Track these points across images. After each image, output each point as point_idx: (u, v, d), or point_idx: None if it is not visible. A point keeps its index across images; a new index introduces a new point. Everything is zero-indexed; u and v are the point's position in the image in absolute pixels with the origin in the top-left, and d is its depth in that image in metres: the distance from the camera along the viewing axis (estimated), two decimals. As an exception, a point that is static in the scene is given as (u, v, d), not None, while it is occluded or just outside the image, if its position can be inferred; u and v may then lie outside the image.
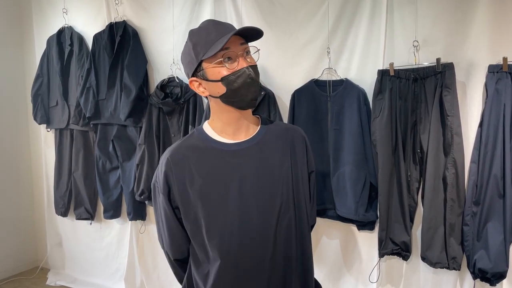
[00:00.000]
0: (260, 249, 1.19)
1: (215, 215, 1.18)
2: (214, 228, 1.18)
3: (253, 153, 1.21)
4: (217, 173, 1.19)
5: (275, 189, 1.21)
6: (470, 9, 2.08)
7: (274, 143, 1.24)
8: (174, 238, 1.28)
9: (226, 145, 1.21)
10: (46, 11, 3.52)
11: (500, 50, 2.00)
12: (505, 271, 1.97)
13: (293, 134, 1.30)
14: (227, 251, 1.18)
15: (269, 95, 2.50)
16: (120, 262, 3.34)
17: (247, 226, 1.18)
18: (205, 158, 1.20)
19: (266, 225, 1.19)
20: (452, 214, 2.08)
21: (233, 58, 1.14)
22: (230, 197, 1.18)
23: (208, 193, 1.18)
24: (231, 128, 1.22)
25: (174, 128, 2.83)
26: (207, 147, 1.21)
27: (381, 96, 2.22)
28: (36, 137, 3.80)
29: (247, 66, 1.14)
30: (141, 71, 2.91)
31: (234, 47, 1.13)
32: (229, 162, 1.19)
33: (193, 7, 2.82)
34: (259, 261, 1.19)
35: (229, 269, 1.19)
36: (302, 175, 1.27)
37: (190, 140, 1.25)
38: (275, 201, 1.20)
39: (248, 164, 1.19)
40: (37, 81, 3.41)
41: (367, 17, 2.32)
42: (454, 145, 2.06)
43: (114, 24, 3.00)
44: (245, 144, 1.21)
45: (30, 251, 3.94)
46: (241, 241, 1.18)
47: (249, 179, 1.18)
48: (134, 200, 3.01)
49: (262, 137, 1.24)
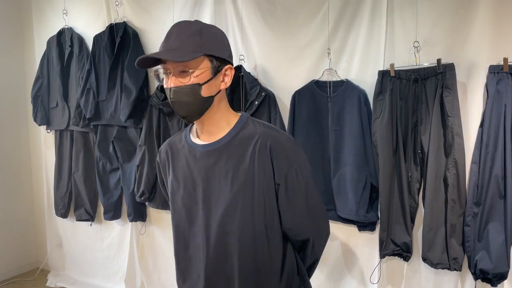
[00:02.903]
0: (202, 250, 1.23)
1: (175, 208, 1.30)
2: (173, 220, 1.31)
3: (211, 156, 1.21)
4: (182, 170, 1.26)
5: (221, 196, 1.20)
6: (471, 9, 2.08)
7: (236, 149, 1.20)
8: None
9: (195, 145, 1.24)
10: (46, 13, 3.52)
11: (501, 51, 2.00)
12: (506, 272, 1.97)
13: (259, 141, 1.18)
14: (177, 245, 1.30)
15: (269, 96, 2.50)
16: (121, 264, 3.34)
17: (193, 225, 1.25)
18: (177, 155, 1.29)
19: (211, 226, 1.20)
20: (453, 214, 2.08)
21: (168, 75, 1.13)
22: (185, 196, 1.25)
23: (174, 188, 1.28)
24: (199, 128, 1.25)
25: (175, 129, 2.83)
26: (183, 145, 1.28)
27: (382, 96, 2.22)
28: (36, 138, 3.80)
29: (171, 87, 1.12)
30: (141, 72, 2.91)
31: (170, 64, 1.12)
32: (191, 162, 1.24)
33: (193, 9, 2.83)
34: (200, 259, 1.24)
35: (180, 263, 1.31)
36: (265, 186, 1.18)
37: (176, 136, 1.34)
38: (218, 210, 1.19)
39: (205, 166, 1.21)
40: (37, 82, 3.41)
41: (367, 18, 2.32)
42: (455, 145, 2.05)
43: (114, 25, 3.00)
44: (209, 146, 1.22)
45: (30, 253, 3.94)
46: (187, 238, 1.27)
47: (202, 181, 1.22)
48: (135, 201, 3.01)
49: (227, 141, 1.20)
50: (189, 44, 1.10)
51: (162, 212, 3.06)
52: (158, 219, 3.13)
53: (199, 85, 1.12)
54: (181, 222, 1.28)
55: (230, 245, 1.20)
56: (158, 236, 3.15)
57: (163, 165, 1.35)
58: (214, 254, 1.21)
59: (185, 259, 1.28)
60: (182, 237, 1.28)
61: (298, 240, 1.29)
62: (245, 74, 2.55)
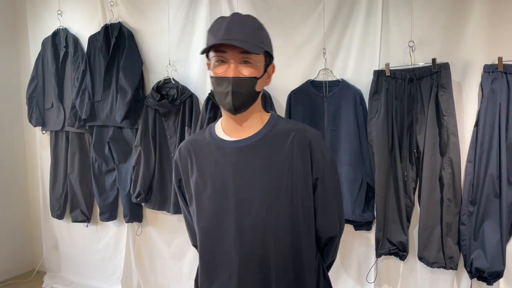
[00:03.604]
0: (234, 249, 1.18)
1: (201, 209, 1.23)
2: (200, 221, 1.24)
3: (246, 153, 1.18)
4: (209, 168, 1.21)
5: (259, 194, 1.17)
6: (465, 9, 2.09)
7: (272, 145, 1.19)
8: (189, 226, 1.40)
9: (224, 142, 1.21)
10: (41, 13, 3.50)
11: (496, 50, 2.00)
12: (501, 270, 1.98)
13: (296, 136, 1.20)
14: (205, 250, 1.24)
15: (265, 96, 2.50)
16: (117, 265, 3.33)
17: (225, 223, 1.19)
18: (203, 152, 1.23)
19: (246, 224, 1.16)
20: (449, 213, 2.09)
21: (227, 63, 1.12)
22: (213, 194, 1.20)
23: (200, 187, 1.22)
24: (230, 124, 1.22)
25: (170, 130, 2.83)
26: (207, 142, 1.23)
27: (377, 96, 2.22)
28: (31, 139, 3.78)
29: (232, 76, 1.11)
30: (136, 73, 2.90)
31: (230, 54, 1.11)
32: (220, 159, 1.20)
33: (188, 9, 2.82)
34: (232, 259, 1.19)
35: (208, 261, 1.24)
36: (303, 181, 1.19)
37: (199, 134, 1.30)
38: (255, 206, 1.16)
39: (239, 163, 1.18)
40: (32, 83, 3.40)
41: (362, 18, 2.33)
42: (450, 144, 2.06)
43: (109, 26, 2.99)
44: (242, 142, 1.19)
45: (26, 254, 3.92)
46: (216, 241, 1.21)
47: (235, 178, 1.18)
48: (131, 202, 3.00)
49: (261, 137, 1.19)
50: (255, 38, 1.13)
51: (158, 213, 3.06)
52: (154, 220, 3.12)
53: (256, 79, 1.15)
54: (209, 222, 1.22)
55: (266, 243, 1.17)
56: (155, 237, 3.14)
57: (183, 163, 1.28)
58: (249, 253, 1.17)
59: (213, 260, 1.23)
60: (210, 238, 1.22)
61: (326, 238, 1.29)
62: (240, 74, 2.55)
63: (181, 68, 2.87)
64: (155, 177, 2.89)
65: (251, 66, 1.13)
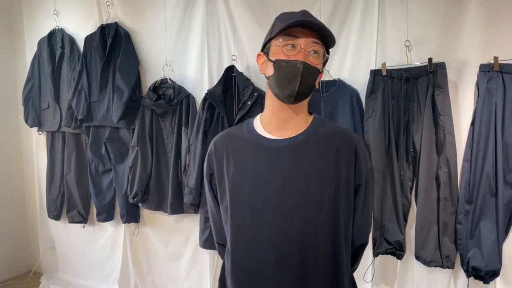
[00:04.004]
0: (272, 251, 1.14)
1: (237, 207, 1.18)
2: (235, 220, 1.18)
3: (289, 153, 1.14)
4: (250, 165, 1.17)
5: (304, 195, 1.13)
6: (461, 9, 2.09)
7: (317, 146, 1.15)
8: (215, 223, 1.32)
9: (265, 140, 1.17)
10: (37, 13, 3.49)
11: (491, 50, 2.01)
12: (498, 269, 1.99)
13: (342, 141, 1.17)
14: (241, 248, 1.18)
15: (262, 96, 2.50)
16: (114, 265, 3.32)
17: (262, 224, 1.15)
18: (242, 149, 1.19)
19: (285, 228, 1.13)
20: (445, 213, 2.10)
21: (296, 48, 1.10)
22: (254, 194, 1.15)
23: (238, 184, 1.17)
24: (275, 120, 1.18)
25: (167, 130, 2.82)
26: (247, 138, 1.20)
27: (374, 96, 2.23)
28: (28, 140, 3.76)
29: (302, 61, 1.09)
30: (133, 73, 2.90)
31: (303, 39, 1.10)
32: (263, 157, 1.16)
33: (185, 9, 2.82)
34: (267, 263, 1.14)
35: (241, 269, 1.18)
36: (347, 186, 1.16)
37: (236, 129, 1.26)
38: (301, 208, 1.13)
39: (281, 163, 1.14)
40: (28, 83, 3.39)
41: (359, 18, 2.33)
42: (447, 144, 2.07)
43: (105, 26, 2.98)
44: (286, 141, 1.15)
45: (22, 255, 3.91)
46: (253, 241, 1.16)
47: (277, 178, 1.14)
48: (128, 202, 2.99)
49: (307, 137, 1.16)
50: (328, 31, 1.11)
51: (155, 213, 3.05)
52: (152, 220, 3.12)
53: (319, 71, 1.14)
54: (245, 221, 1.16)
55: (306, 249, 1.13)
56: (152, 237, 3.14)
57: (218, 157, 1.22)
58: (286, 257, 1.13)
59: (248, 261, 1.17)
60: (245, 238, 1.17)
61: (358, 244, 1.26)
62: (237, 74, 2.55)
63: (177, 68, 2.87)
64: (152, 178, 2.89)
65: (318, 57, 1.12)
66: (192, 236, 2.96)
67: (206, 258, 2.92)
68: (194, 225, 2.91)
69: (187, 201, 2.62)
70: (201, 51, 2.78)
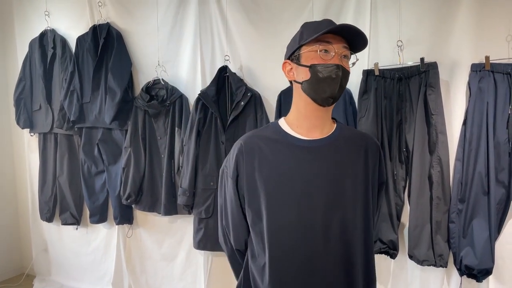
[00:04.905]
0: (315, 250, 1.16)
1: (277, 207, 1.18)
2: (274, 220, 1.18)
3: (325, 153, 1.19)
4: (286, 166, 1.18)
5: (342, 193, 1.18)
6: (453, 9, 2.10)
7: (348, 147, 1.22)
8: (235, 227, 1.30)
9: (299, 140, 1.20)
10: (28, 14, 3.46)
11: (483, 49, 2.02)
12: (491, 268, 2.00)
13: (368, 142, 1.26)
14: (283, 246, 1.18)
15: (255, 97, 2.50)
16: (108, 267, 3.31)
17: (306, 224, 1.16)
18: (276, 150, 1.21)
19: (326, 227, 1.16)
20: (438, 212, 2.10)
21: (330, 53, 1.14)
22: (295, 193, 1.17)
23: (274, 185, 1.18)
24: (307, 122, 1.21)
25: (160, 131, 2.81)
26: (280, 140, 1.22)
27: (367, 96, 2.23)
28: (19, 141, 3.73)
29: (339, 64, 1.14)
30: (125, 74, 2.88)
31: (336, 45, 1.14)
32: (299, 157, 1.18)
33: (177, 9, 2.81)
34: (311, 261, 1.16)
35: (283, 263, 1.18)
36: (373, 185, 1.25)
37: (264, 131, 1.27)
38: (341, 205, 1.17)
39: (319, 163, 1.18)
40: (20, 84, 3.36)
41: (351, 17, 2.33)
42: (439, 143, 2.08)
43: (97, 26, 2.97)
44: (318, 142, 1.20)
45: (15, 258, 3.87)
46: (297, 238, 1.17)
47: (317, 177, 1.17)
48: (121, 204, 2.98)
49: (336, 139, 1.22)
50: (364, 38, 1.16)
51: (148, 214, 3.04)
52: (145, 221, 3.11)
53: (349, 74, 1.19)
54: (281, 223, 1.17)
55: (350, 249, 1.18)
56: (145, 239, 3.12)
57: (249, 156, 1.22)
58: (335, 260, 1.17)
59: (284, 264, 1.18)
60: (282, 239, 1.17)
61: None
62: (230, 74, 2.55)
63: (170, 68, 2.86)
64: (145, 179, 2.88)
65: (347, 61, 1.18)
66: (186, 237, 2.95)
67: (200, 259, 2.91)
68: (188, 226, 2.90)
69: (181, 202, 2.61)
70: (194, 52, 2.77)
